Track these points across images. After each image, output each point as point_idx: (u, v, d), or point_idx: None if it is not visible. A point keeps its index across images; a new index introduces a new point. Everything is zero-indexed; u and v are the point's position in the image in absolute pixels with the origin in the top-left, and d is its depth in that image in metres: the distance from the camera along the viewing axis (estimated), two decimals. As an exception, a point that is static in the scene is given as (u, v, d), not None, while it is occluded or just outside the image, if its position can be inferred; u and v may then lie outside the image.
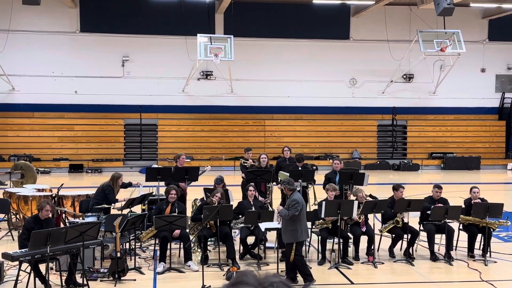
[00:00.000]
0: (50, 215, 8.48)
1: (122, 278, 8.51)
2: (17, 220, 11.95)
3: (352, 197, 11.50)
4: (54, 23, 23.64)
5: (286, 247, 8.53)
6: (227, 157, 24.41)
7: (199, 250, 9.84)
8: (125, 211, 10.25)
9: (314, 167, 20.60)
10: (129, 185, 11.25)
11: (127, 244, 9.72)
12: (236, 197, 11.41)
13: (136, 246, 9.92)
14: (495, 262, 9.84)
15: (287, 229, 8.41)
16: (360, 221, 9.89)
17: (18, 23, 23.00)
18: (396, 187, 10.36)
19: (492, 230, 10.09)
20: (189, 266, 9.21)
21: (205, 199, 10.69)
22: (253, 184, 10.56)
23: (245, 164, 12.77)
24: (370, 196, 10.58)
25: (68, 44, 23.83)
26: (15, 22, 22.79)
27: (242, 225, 9.84)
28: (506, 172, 25.26)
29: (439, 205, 10.08)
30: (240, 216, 9.93)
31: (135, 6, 23.85)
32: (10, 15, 22.37)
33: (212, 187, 11.25)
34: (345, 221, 9.77)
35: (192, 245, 9.65)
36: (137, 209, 11.34)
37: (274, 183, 11.95)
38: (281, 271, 8.95)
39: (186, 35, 23.12)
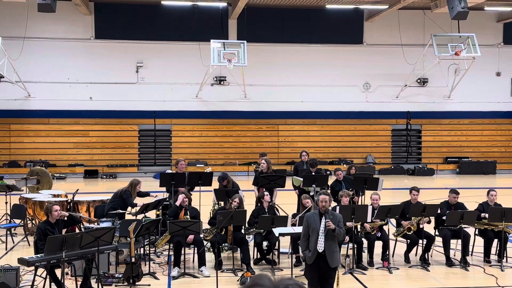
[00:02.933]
0: (61, 213, 8.51)
1: (136, 283, 8.54)
2: (33, 225, 12.05)
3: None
4: (69, 30, 23.88)
5: (331, 272, 7.29)
6: (241, 162, 24.43)
7: (212, 253, 9.85)
8: (140, 217, 10.29)
9: (328, 172, 20.54)
10: (147, 194, 11.29)
11: (142, 249, 9.75)
12: (251, 202, 11.37)
13: (151, 251, 9.95)
14: (512, 267, 9.75)
15: (334, 250, 7.25)
16: (373, 232, 9.83)
17: (33, 30, 23.26)
18: (411, 190, 10.33)
19: (508, 234, 9.99)
20: (202, 271, 9.22)
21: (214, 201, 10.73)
22: (267, 193, 10.42)
23: (258, 169, 12.81)
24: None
25: (83, 51, 24.04)
26: (30, 29, 23.05)
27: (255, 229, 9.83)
28: (522, 176, 24.99)
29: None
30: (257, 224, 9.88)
31: (149, 12, 24.02)
32: (26, 22, 22.62)
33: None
34: (357, 228, 9.71)
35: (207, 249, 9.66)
36: (152, 214, 11.38)
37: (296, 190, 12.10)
38: (296, 276, 8.92)
39: (199, 41, 23.22)
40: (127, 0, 23.70)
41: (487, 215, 9.92)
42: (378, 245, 9.85)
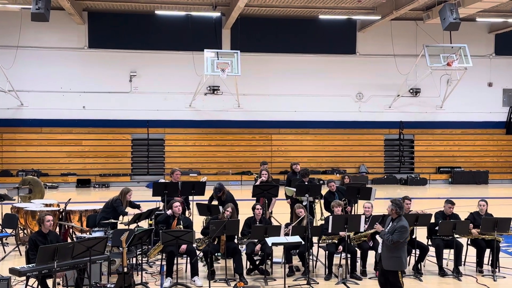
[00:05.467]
0: (52, 225, 8.47)
1: (128, 293, 8.48)
2: (25, 235, 11.98)
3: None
4: (62, 39, 23.88)
5: (388, 274, 7.75)
6: (234, 171, 24.42)
7: (203, 262, 9.82)
8: (132, 226, 10.25)
9: (321, 182, 20.55)
10: (138, 207, 11.25)
11: (134, 259, 9.71)
12: (246, 211, 11.35)
13: (143, 261, 9.91)
14: (504, 277, 9.76)
15: (389, 255, 7.70)
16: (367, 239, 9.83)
17: (27, 39, 23.24)
18: (403, 199, 10.32)
19: (498, 242, 10.02)
20: (195, 281, 9.19)
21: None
22: (259, 207, 10.37)
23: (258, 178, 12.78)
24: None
25: (77, 60, 24.04)
26: (24, 38, 23.03)
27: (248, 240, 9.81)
28: (514, 186, 25.12)
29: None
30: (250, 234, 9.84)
31: (142, 22, 24.06)
32: (19, 31, 22.61)
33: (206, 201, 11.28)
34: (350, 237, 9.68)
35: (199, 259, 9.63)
36: (144, 224, 11.34)
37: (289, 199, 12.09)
38: (288, 286, 8.90)
39: (193, 51, 23.27)
40: (120, 10, 23.75)
41: (471, 226, 9.96)
42: (371, 254, 9.85)
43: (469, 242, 10.31)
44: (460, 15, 19.48)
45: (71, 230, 11.25)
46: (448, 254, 10.31)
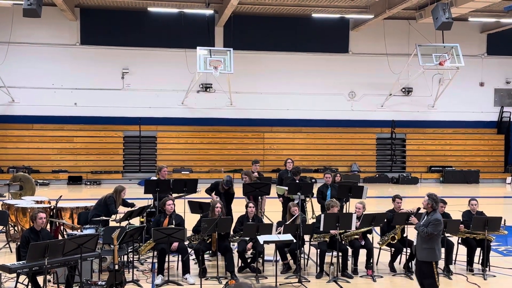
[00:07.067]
0: (45, 221, 8.44)
1: (120, 291, 8.46)
2: (15, 232, 11.92)
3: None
4: (54, 36, 23.75)
5: (422, 265, 8.03)
6: (226, 169, 24.38)
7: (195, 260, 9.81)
8: (124, 224, 10.23)
9: (313, 180, 20.60)
10: (132, 205, 11.21)
11: (125, 257, 9.69)
12: (239, 209, 11.35)
13: (134, 259, 9.89)
14: (494, 276, 9.82)
15: (423, 246, 7.99)
16: (359, 237, 9.86)
17: (18, 35, 23.10)
18: (393, 198, 10.39)
19: (489, 241, 10.08)
20: (186, 279, 9.18)
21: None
22: (252, 205, 10.37)
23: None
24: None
25: (68, 57, 23.91)
26: (15, 34, 22.90)
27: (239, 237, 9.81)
28: (505, 186, 25.27)
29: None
30: (242, 232, 9.84)
31: (135, 19, 23.97)
32: (11, 27, 22.47)
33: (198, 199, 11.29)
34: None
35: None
36: (136, 221, 11.30)
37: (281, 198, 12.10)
38: (280, 284, 8.91)
39: (186, 48, 23.23)
40: (113, 6, 23.65)
41: (462, 227, 10.01)
42: (362, 253, 9.87)
43: (459, 241, 10.37)
44: (452, 15, 19.55)
45: (62, 227, 11.21)
46: (439, 253, 10.33)
